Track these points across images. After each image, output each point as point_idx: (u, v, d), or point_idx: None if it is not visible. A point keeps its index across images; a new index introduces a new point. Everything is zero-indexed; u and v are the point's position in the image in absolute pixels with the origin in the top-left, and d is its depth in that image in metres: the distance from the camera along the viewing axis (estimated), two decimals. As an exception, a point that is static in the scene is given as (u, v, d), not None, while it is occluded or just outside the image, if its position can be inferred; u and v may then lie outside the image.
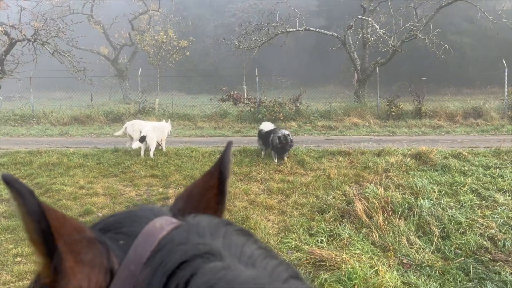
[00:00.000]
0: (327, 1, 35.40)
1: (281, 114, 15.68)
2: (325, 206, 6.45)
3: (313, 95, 19.00)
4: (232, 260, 0.58)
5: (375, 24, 17.30)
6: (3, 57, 18.64)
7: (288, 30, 18.30)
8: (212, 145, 11.06)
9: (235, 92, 17.79)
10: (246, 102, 17.15)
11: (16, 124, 16.85)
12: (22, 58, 19.43)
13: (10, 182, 0.55)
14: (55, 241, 0.56)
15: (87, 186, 7.45)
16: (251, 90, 20.30)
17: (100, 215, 6.04)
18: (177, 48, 27.62)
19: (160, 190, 7.44)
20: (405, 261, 4.95)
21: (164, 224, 0.64)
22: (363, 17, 17.75)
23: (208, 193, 0.78)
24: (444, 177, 7.48)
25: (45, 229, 0.55)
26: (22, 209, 0.56)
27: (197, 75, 32.78)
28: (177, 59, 28.17)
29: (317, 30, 18.67)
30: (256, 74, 18.05)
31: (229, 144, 0.81)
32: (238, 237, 0.64)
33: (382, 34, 16.87)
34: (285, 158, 9.07)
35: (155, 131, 9.74)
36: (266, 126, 9.89)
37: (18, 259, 4.74)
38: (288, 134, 8.89)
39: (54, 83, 26.99)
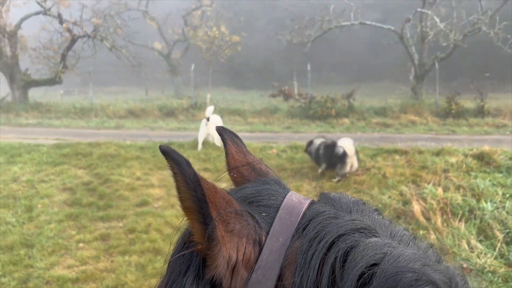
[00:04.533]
0: (383, -7, 34.34)
1: (333, 110, 15.38)
2: (380, 205, 6.25)
3: (367, 91, 18.55)
4: (387, 238, 0.59)
5: (435, 17, 16.55)
6: (66, 52, 19.73)
7: (342, 24, 17.93)
8: (262, 141, 11.07)
9: (286, 87, 17.67)
10: (297, 97, 17.00)
11: (76, 117, 17.70)
12: (82, 53, 20.49)
13: (169, 153, 0.59)
14: (209, 209, 0.58)
15: (143, 177, 7.69)
16: (302, 86, 20.12)
17: (156, 206, 6.22)
18: (229, 43, 27.90)
19: (213, 183, 7.52)
20: (465, 265, 4.72)
21: (300, 199, 0.68)
22: (422, 10, 17.03)
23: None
24: (509, 179, 7.04)
25: (201, 198, 0.58)
26: (179, 178, 0.58)
27: (247, 71, 32.97)
28: (228, 54, 28.47)
29: (372, 23, 18.14)
30: (308, 69, 17.83)
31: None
32: (380, 217, 0.66)
33: (442, 27, 16.11)
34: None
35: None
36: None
37: (81, 244, 4.97)
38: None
39: (110, 78, 28.20)
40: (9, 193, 6.77)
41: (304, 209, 0.65)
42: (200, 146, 9.85)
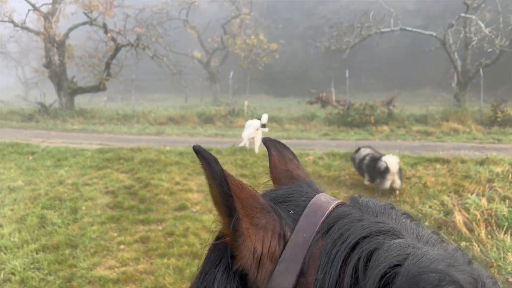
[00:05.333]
0: (424, -1, 33.56)
1: (372, 117, 15.12)
2: (420, 215, 6.08)
3: (408, 98, 18.13)
4: (413, 239, 0.60)
5: (479, 23, 15.99)
6: (110, 60, 20.48)
7: (382, 30, 17.66)
8: (299, 147, 11.04)
9: (324, 94, 17.55)
10: (334, 104, 16.85)
11: (118, 123, 18.28)
12: (125, 61, 21.21)
13: (199, 151, 0.65)
14: (233, 202, 0.62)
15: (182, 182, 7.84)
16: (340, 93, 19.93)
17: (194, 210, 6.33)
18: (267, 51, 28.06)
19: (249, 190, 7.57)
20: (510, 279, 4.50)
21: (328, 199, 0.71)
22: (466, 15, 16.50)
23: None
24: (560, 191, 6.66)
25: (226, 192, 0.63)
26: (208, 173, 0.64)
27: (285, 78, 33.00)
28: (266, 62, 28.62)
29: (413, 29, 17.75)
30: (347, 75, 17.65)
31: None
32: (407, 220, 0.67)
33: (487, 33, 15.54)
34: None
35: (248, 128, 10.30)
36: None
37: (122, 246, 5.12)
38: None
39: (152, 85, 28.96)
40: (55, 195, 7.09)
41: (330, 208, 0.67)
42: (244, 142, 10.09)
